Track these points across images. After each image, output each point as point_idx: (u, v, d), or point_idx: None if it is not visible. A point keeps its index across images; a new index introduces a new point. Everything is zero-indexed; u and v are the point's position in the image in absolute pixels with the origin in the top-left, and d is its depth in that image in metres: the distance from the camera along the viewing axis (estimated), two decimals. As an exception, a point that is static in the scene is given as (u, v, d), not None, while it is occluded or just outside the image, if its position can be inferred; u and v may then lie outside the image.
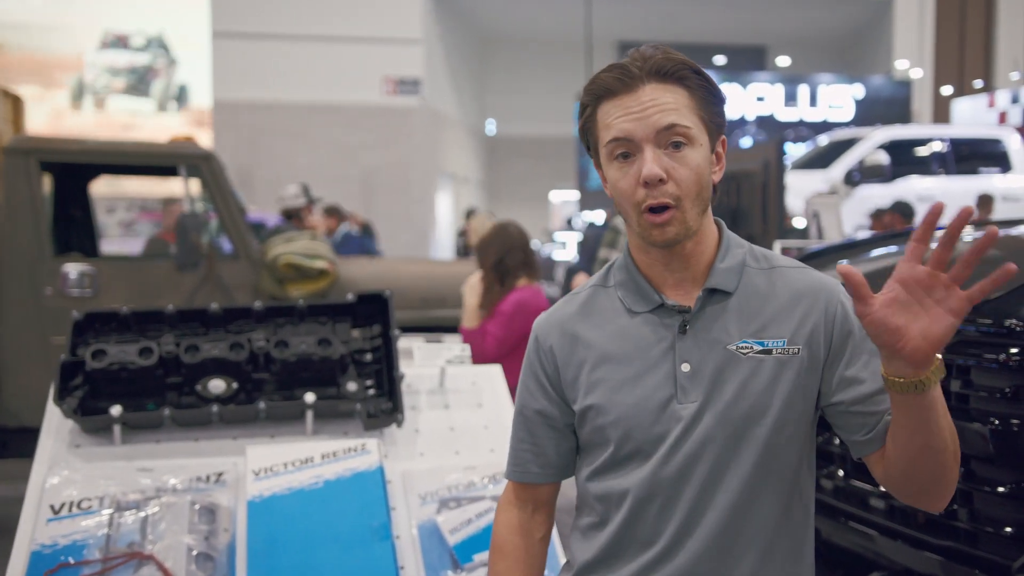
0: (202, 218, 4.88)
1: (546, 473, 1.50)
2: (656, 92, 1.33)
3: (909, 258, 1.17)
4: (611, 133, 1.35)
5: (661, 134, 1.32)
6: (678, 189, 1.33)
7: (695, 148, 1.34)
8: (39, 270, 4.35)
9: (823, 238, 6.61)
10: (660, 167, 1.32)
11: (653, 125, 1.32)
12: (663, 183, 1.32)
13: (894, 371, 1.21)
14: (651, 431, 1.36)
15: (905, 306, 1.17)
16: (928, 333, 1.17)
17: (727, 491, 1.35)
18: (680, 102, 1.34)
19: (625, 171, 1.35)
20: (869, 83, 18.42)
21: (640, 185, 1.33)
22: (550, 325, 1.48)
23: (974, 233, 2.44)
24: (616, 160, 1.36)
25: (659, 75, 1.34)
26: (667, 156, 1.33)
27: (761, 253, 1.46)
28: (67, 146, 4.74)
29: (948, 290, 1.16)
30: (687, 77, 1.35)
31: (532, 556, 1.51)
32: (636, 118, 1.33)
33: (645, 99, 1.33)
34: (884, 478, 1.36)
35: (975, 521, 1.89)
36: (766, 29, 22.31)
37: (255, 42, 16.25)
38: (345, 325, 2.55)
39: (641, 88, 1.33)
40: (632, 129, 1.33)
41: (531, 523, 1.52)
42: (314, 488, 2.21)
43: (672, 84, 1.34)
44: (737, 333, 1.37)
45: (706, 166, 1.36)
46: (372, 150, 16.43)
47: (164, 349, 2.36)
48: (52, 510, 2.12)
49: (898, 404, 1.24)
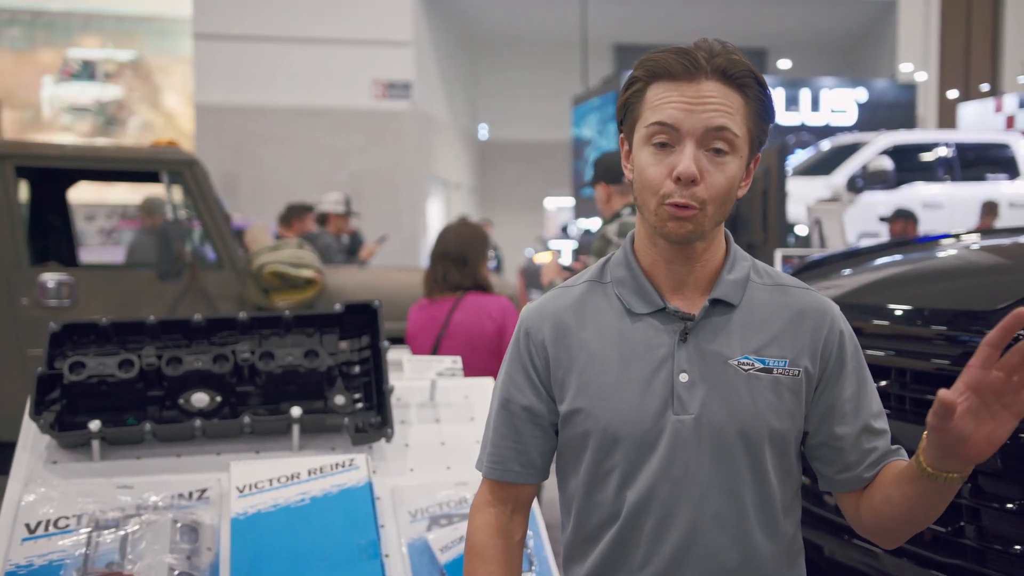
0: (185, 226, 4.80)
1: (528, 473, 1.44)
2: (716, 90, 1.28)
3: (981, 364, 1.14)
4: (657, 116, 1.29)
5: (708, 134, 1.27)
6: (706, 194, 1.28)
7: (735, 158, 1.30)
8: (15, 279, 4.26)
9: (825, 246, 6.57)
10: (697, 167, 1.27)
11: (704, 122, 1.27)
12: (695, 184, 1.27)
13: (944, 467, 1.20)
14: (641, 441, 1.32)
15: (975, 412, 1.16)
16: (993, 437, 1.16)
17: (725, 513, 1.31)
18: (736, 108, 1.29)
19: (659, 159, 1.29)
20: (873, 87, 18.38)
21: (671, 179, 1.28)
22: (542, 318, 1.42)
23: (981, 240, 2.40)
24: (651, 145, 1.30)
25: (724, 75, 1.29)
26: (706, 158, 1.28)
27: (764, 269, 1.43)
28: (45, 151, 4.66)
29: (1017, 394, 1.14)
30: (749, 85, 1.31)
31: (513, 559, 1.45)
32: (689, 109, 1.27)
33: (704, 94, 1.28)
34: (855, 519, 1.37)
35: (983, 538, 1.85)
36: (766, 31, 22.28)
37: (239, 44, 16.15)
38: (333, 336, 2.50)
39: (703, 81, 1.28)
40: (682, 119, 1.27)
41: (510, 525, 1.46)
42: (300, 505, 2.16)
43: (733, 88, 1.30)
44: (739, 348, 1.33)
45: (738, 179, 1.32)
46: (361, 155, 16.35)
47: (145, 361, 2.30)
48: (27, 529, 2.06)
49: (925, 488, 1.24)
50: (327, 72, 16.32)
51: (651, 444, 1.31)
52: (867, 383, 1.38)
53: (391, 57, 16.62)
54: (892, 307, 2.18)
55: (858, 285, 2.46)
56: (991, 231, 3.27)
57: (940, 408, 1.13)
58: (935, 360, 1.99)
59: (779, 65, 22.98)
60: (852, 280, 2.55)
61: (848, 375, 1.36)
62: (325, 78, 16.33)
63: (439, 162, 19.48)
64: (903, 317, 2.15)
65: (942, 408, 1.13)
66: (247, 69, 16.10)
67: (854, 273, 2.63)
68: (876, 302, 2.20)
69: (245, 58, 16.10)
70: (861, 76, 19.79)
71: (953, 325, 2.00)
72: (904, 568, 1.98)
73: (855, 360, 1.38)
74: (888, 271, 2.54)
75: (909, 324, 2.12)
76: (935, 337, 2.03)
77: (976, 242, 2.36)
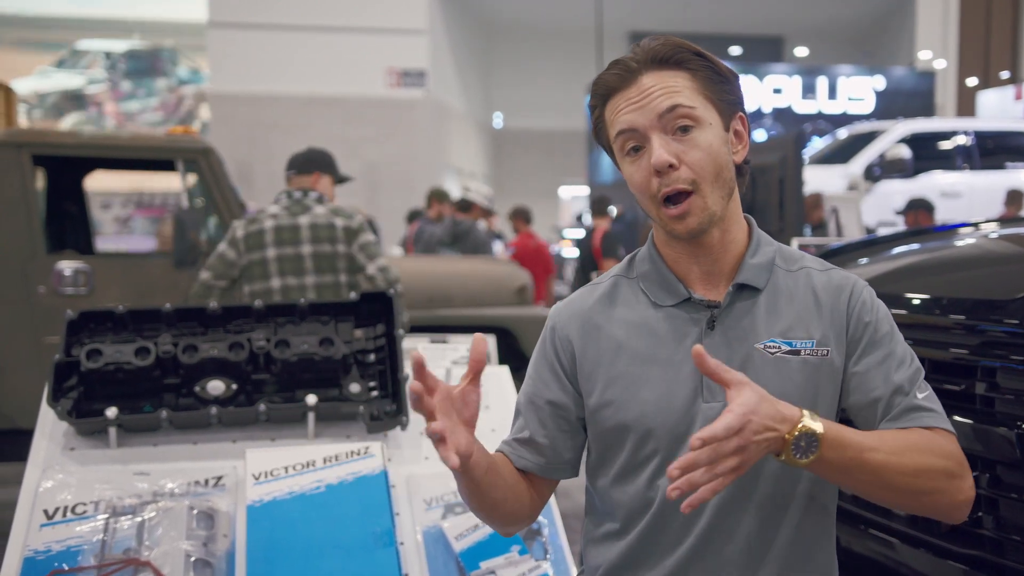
0: (200, 214, 4.81)
1: (548, 466, 1.43)
2: (656, 79, 1.32)
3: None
4: (617, 127, 1.33)
5: (665, 118, 1.30)
6: (692, 173, 1.30)
7: (704, 129, 1.31)
8: (32, 268, 4.28)
9: (842, 235, 6.52)
10: (669, 153, 1.29)
11: (654, 110, 1.30)
12: (674, 169, 1.30)
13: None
14: (674, 430, 1.32)
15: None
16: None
17: (753, 495, 1.32)
18: (682, 84, 1.31)
19: (637, 164, 1.33)
20: (891, 74, 18.20)
21: (653, 175, 1.30)
22: (569, 314, 1.44)
23: (999, 229, 2.38)
24: (628, 155, 1.34)
25: (657, 63, 1.32)
26: (676, 141, 1.30)
27: (790, 253, 1.43)
28: (61, 139, 4.69)
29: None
30: (687, 60, 1.33)
31: (498, 461, 1.41)
32: (637, 107, 1.31)
33: (644, 88, 1.31)
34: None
35: (1001, 529, 1.84)
36: (783, 19, 22.09)
37: (254, 33, 16.14)
38: (348, 324, 2.50)
39: (640, 78, 1.32)
40: (635, 119, 1.31)
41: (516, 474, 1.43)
42: (316, 493, 2.17)
43: (672, 69, 1.32)
44: (765, 332, 1.34)
45: (721, 146, 1.33)
46: (375, 144, 16.32)
47: (161, 349, 2.31)
48: (46, 515, 2.08)
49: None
50: (341, 61, 16.29)
51: (682, 433, 1.32)
52: (895, 349, 1.36)
53: (405, 45, 16.58)
54: (909, 296, 2.16)
55: (875, 274, 2.44)
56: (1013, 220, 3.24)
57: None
58: (952, 349, 1.97)
59: (796, 53, 22.77)
60: (869, 269, 2.53)
61: (873, 342, 1.35)
62: (339, 67, 16.31)
63: (453, 151, 19.44)
64: (920, 306, 2.13)
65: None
66: (261, 58, 16.10)
67: (871, 262, 2.61)
68: (893, 291, 2.19)
69: (259, 47, 16.09)
70: (879, 64, 19.58)
71: (970, 314, 1.99)
72: (921, 558, 1.97)
73: (881, 327, 1.36)
74: (905, 260, 2.52)
75: (926, 313, 2.10)
76: (952, 326, 2.01)
77: (994, 231, 2.34)
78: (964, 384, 1.89)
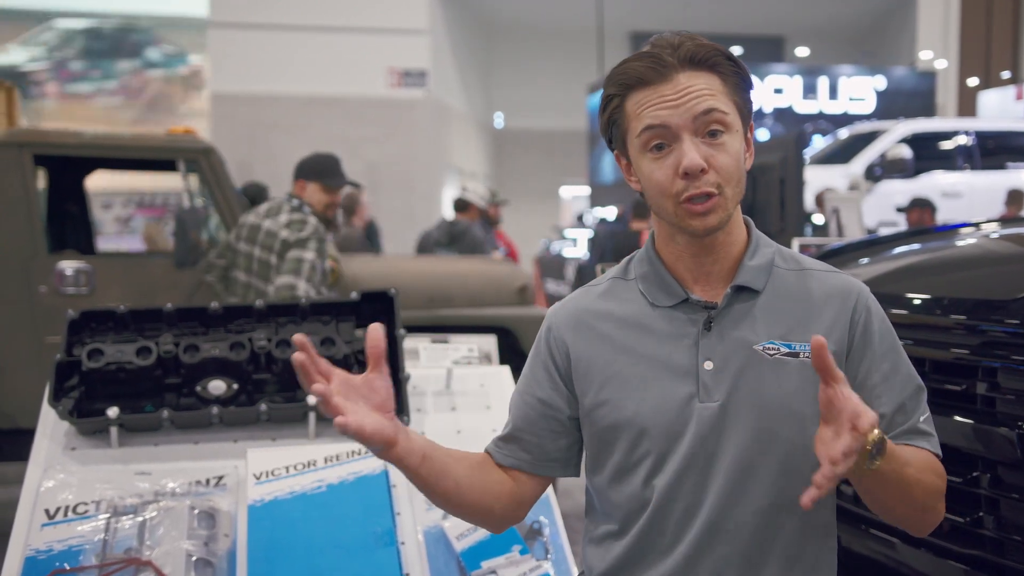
0: (201, 214, 4.81)
1: (533, 463, 1.44)
2: (691, 79, 1.29)
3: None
4: (645, 121, 1.30)
5: (699, 121, 1.28)
6: (719, 177, 1.29)
7: (732, 135, 1.31)
8: (33, 267, 4.28)
9: (843, 236, 6.51)
10: (701, 155, 1.27)
11: (691, 111, 1.28)
12: (704, 173, 1.28)
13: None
14: (668, 430, 1.32)
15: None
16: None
17: (751, 496, 1.31)
18: (715, 88, 1.30)
19: (661, 163, 1.31)
20: (891, 74, 18.15)
21: (679, 176, 1.29)
22: (565, 315, 1.44)
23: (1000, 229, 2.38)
24: (650, 152, 1.31)
25: (693, 63, 1.30)
26: (705, 144, 1.29)
27: (790, 255, 1.43)
28: (62, 139, 4.68)
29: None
30: (720, 63, 1.31)
31: (463, 456, 1.45)
32: (672, 105, 1.28)
33: (681, 86, 1.29)
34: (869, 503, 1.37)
35: (1002, 529, 1.84)
36: (784, 18, 22.02)
37: (254, 32, 16.11)
38: (349, 324, 2.50)
39: (676, 76, 1.29)
40: (668, 117, 1.28)
41: (496, 473, 1.46)
42: (317, 492, 2.17)
43: (706, 71, 1.30)
44: (764, 333, 1.33)
45: (742, 153, 1.33)
46: (376, 144, 16.30)
47: (163, 349, 2.31)
48: (47, 515, 2.08)
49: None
50: (342, 60, 16.27)
51: (678, 433, 1.32)
52: (899, 364, 1.36)
53: (406, 45, 16.56)
54: (910, 296, 2.16)
55: (876, 274, 2.44)
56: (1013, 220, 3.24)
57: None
58: (953, 350, 1.97)
59: (797, 53, 22.75)
60: (870, 269, 2.53)
61: (877, 355, 1.34)
62: (340, 67, 16.28)
63: (454, 151, 19.43)
64: (921, 306, 2.13)
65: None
66: (261, 58, 16.08)
67: (872, 262, 2.61)
68: (894, 291, 2.19)
69: (259, 47, 16.07)
70: (880, 64, 19.56)
71: (971, 314, 1.99)
72: (921, 558, 1.97)
73: (886, 339, 1.36)
74: (906, 260, 2.52)
75: (927, 313, 2.10)
76: (953, 326, 2.01)
77: (995, 231, 2.34)
78: (965, 384, 1.89)
